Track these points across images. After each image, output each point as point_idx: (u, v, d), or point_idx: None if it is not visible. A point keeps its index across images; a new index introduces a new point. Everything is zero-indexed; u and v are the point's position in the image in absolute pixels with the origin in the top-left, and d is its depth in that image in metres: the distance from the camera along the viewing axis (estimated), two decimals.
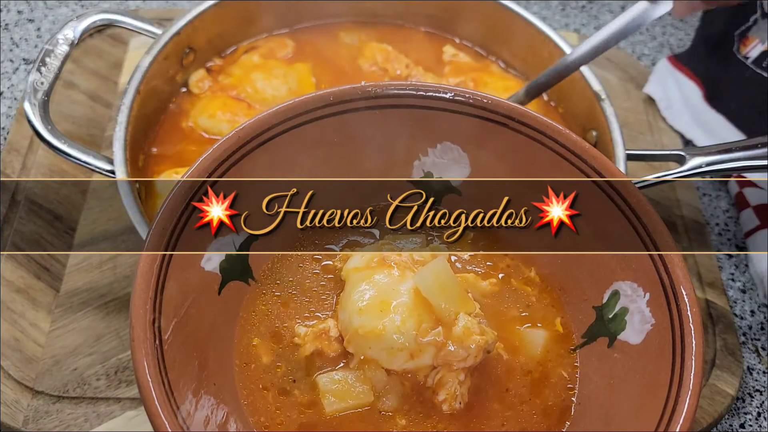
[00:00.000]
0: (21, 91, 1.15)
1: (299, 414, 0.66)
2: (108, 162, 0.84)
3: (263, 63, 1.06)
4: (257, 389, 0.67)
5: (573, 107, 1.06)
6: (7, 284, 0.90)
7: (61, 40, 0.89)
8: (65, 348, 0.86)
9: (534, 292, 0.76)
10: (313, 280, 0.74)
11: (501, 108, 0.72)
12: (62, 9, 1.31)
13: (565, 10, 1.46)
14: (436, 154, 0.78)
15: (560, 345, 0.73)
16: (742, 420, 0.91)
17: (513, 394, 0.70)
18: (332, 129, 0.73)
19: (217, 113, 0.99)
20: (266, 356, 0.69)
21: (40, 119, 0.83)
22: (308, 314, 0.72)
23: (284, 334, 0.70)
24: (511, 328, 0.74)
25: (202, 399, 0.61)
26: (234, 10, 1.05)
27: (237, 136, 0.67)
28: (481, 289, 0.75)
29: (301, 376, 0.68)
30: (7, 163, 1.01)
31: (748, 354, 0.97)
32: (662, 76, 1.27)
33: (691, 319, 0.62)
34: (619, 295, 0.70)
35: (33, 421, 0.80)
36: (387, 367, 0.67)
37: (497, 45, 1.13)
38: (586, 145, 0.70)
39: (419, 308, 0.66)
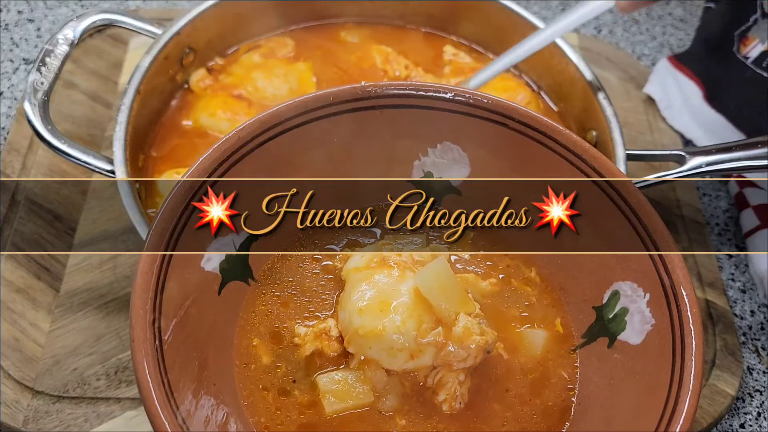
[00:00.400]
0: (21, 91, 1.15)
1: (299, 414, 0.66)
2: (108, 162, 0.84)
3: (264, 62, 1.06)
4: (257, 389, 0.67)
5: (573, 107, 1.06)
6: (7, 284, 0.90)
7: (61, 40, 0.89)
8: (65, 348, 0.86)
9: (534, 293, 0.76)
10: (313, 280, 0.74)
11: (501, 108, 0.72)
12: (62, 9, 1.31)
13: (565, 10, 1.45)
14: (436, 154, 0.78)
15: (560, 345, 0.73)
16: (742, 420, 0.91)
17: (513, 394, 0.70)
18: (332, 129, 0.73)
19: (217, 112, 0.99)
20: (266, 356, 0.69)
21: (40, 119, 0.83)
22: (308, 314, 0.72)
23: (284, 334, 0.70)
24: (511, 329, 0.74)
25: (202, 399, 0.61)
26: (234, 10, 1.05)
27: (237, 137, 0.67)
28: (481, 290, 0.75)
29: (301, 377, 0.68)
30: (7, 163, 1.01)
31: (748, 354, 0.97)
32: (662, 76, 1.27)
33: (691, 319, 0.62)
34: (619, 295, 0.70)
35: (33, 421, 0.80)
36: (387, 368, 0.67)
37: (497, 45, 1.13)
38: (586, 145, 0.70)
39: (419, 308, 0.66)
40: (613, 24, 1.44)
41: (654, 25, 1.46)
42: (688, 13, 1.49)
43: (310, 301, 0.73)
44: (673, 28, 1.46)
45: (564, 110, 1.08)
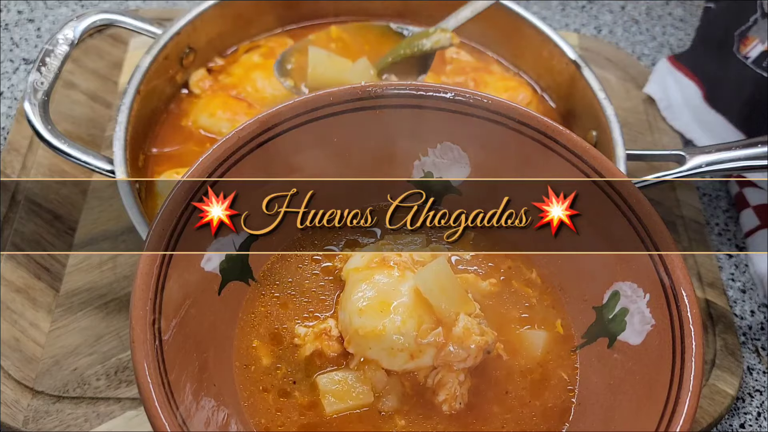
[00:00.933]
0: (21, 91, 1.15)
1: (300, 415, 0.66)
2: (108, 162, 0.84)
3: (263, 62, 1.06)
4: (257, 391, 0.67)
5: (573, 107, 1.06)
6: (7, 284, 0.90)
7: (61, 40, 0.89)
8: (65, 348, 0.86)
9: (534, 294, 0.76)
10: (313, 280, 0.74)
11: (501, 108, 0.72)
12: (62, 9, 1.31)
13: (565, 10, 1.45)
14: (436, 154, 0.78)
15: (560, 346, 0.73)
16: (742, 420, 0.91)
17: (513, 395, 0.70)
18: (332, 129, 0.73)
19: (217, 112, 0.99)
20: (266, 357, 0.69)
21: (40, 119, 0.83)
22: (308, 315, 0.72)
23: (284, 335, 0.70)
24: (512, 330, 0.73)
25: (203, 400, 0.61)
26: (234, 10, 1.05)
27: (237, 137, 0.67)
28: (482, 290, 0.75)
29: (301, 377, 0.68)
30: (7, 163, 1.01)
31: (748, 354, 0.97)
32: (662, 76, 1.27)
33: (691, 320, 0.62)
34: (619, 295, 0.70)
35: (33, 421, 0.80)
36: (387, 368, 0.67)
37: (497, 45, 1.14)
38: (586, 145, 0.70)
39: (419, 309, 0.66)
40: (613, 24, 1.44)
41: (654, 25, 1.46)
42: (688, 13, 1.49)
43: (310, 302, 0.73)
44: (673, 28, 1.46)
45: (564, 110, 1.08)
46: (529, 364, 0.72)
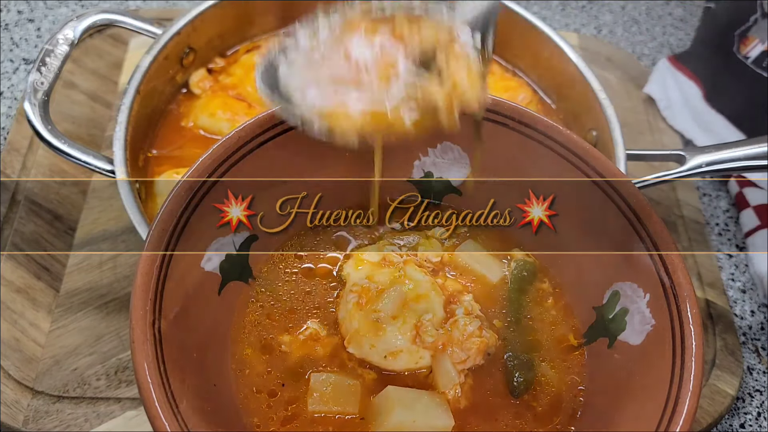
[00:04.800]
0: (21, 91, 1.15)
1: (289, 414, 0.66)
2: (108, 162, 0.84)
3: None
4: (251, 393, 0.66)
5: (573, 107, 1.06)
6: (7, 284, 0.90)
7: (61, 40, 0.89)
8: (65, 348, 0.86)
9: (537, 294, 0.76)
10: (313, 280, 0.74)
11: (501, 108, 0.72)
12: (62, 9, 1.31)
13: (565, 10, 1.46)
14: (436, 154, 0.78)
15: (561, 347, 0.73)
16: (742, 420, 0.91)
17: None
18: None
19: (217, 112, 0.99)
20: (262, 358, 0.69)
21: (40, 119, 0.83)
22: (308, 314, 0.72)
23: (283, 335, 0.70)
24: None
25: (203, 400, 0.61)
26: (234, 10, 1.05)
27: (237, 137, 0.67)
28: (483, 290, 0.75)
29: (294, 378, 0.67)
30: (7, 163, 1.01)
31: (748, 354, 0.97)
32: (662, 76, 1.27)
33: (691, 320, 0.62)
34: (619, 295, 0.70)
35: (33, 421, 0.80)
36: (387, 368, 0.67)
37: (497, 45, 1.13)
38: (587, 145, 0.70)
39: (419, 309, 0.66)
40: (613, 24, 1.44)
41: (654, 25, 1.46)
42: (688, 13, 1.49)
43: (310, 301, 0.73)
44: (673, 28, 1.46)
45: (564, 110, 1.08)
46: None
